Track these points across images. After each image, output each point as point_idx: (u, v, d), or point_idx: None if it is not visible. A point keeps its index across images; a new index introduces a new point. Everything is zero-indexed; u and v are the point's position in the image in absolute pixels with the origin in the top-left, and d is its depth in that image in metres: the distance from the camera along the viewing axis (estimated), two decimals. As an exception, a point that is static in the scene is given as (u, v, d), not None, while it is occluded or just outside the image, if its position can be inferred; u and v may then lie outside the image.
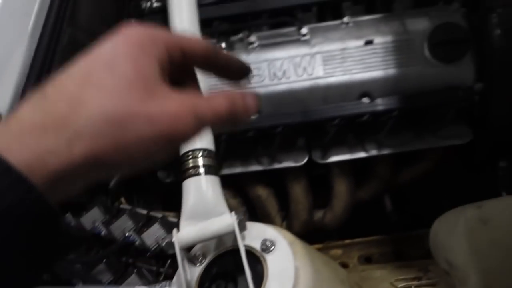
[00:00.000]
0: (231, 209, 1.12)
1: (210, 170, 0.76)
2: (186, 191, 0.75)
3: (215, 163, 0.78)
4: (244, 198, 1.14)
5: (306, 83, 1.01)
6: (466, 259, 0.74)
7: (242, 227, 0.72)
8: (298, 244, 0.73)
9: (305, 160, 1.06)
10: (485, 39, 0.95)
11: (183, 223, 0.73)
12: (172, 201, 0.93)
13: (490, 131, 1.03)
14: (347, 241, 1.11)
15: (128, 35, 0.35)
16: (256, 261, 0.71)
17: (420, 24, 1.00)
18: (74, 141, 0.32)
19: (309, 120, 0.98)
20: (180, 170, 0.77)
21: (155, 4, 1.08)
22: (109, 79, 0.33)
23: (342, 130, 1.03)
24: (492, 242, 0.74)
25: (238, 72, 0.44)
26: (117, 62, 0.34)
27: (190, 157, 0.77)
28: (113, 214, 0.81)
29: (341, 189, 1.11)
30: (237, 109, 0.38)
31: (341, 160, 1.07)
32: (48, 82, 0.34)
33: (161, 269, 0.77)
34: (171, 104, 0.34)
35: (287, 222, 1.15)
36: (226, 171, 1.07)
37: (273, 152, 1.06)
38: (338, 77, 1.00)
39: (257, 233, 0.74)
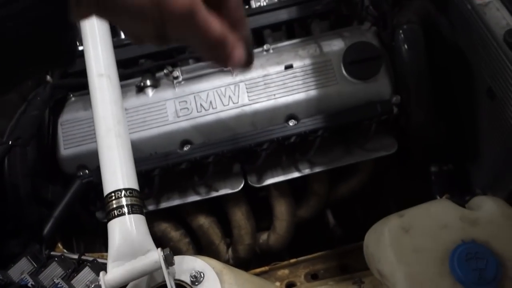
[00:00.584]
0: (174, 241, 1.13)
1: (134, 209, 0.77)
2: (111, 232, 0.76)
3: (140, 202, 0.78)
4: (187, 229, 1.15)
5: (233, 112, 1.04)
6: (393, 268, 0.77)
7: (170, 262, 0.72)
8: (227, 272, 0.75)
9: (242, 185, 1.08)
10: (395, 54, 1.00)
11: (110, 264, 0.73)
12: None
13: (414, 139, 1.08)
14: (293, 260, 1.12)
15: None
16: (187, 294, 0.71)
17: (335, 45, 1.05)
18: None
19: (239, 147, 1.01)
20: (104, 211, 0.78)
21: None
22: None
23: (274, 153, 1.06)
24: (415, 248, 0.77)
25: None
26: None
27: (113, 197, 0.77)
28: (42, 263, 0.80)
29: (281, 210, 1.13)
30: (225, 48, 0.40)
31: (277, 182, 1.09)
32: None
33: (96, 315, 0.76)
34: None
35: (232, 248, 1.16)
36: (164, 204, 1.08)
37: (209, 181, 1.07)
38: (263, 103, 1.03)
39: (186, 266, 0.75)
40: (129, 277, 0.73)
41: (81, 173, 1.04)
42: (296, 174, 1.08)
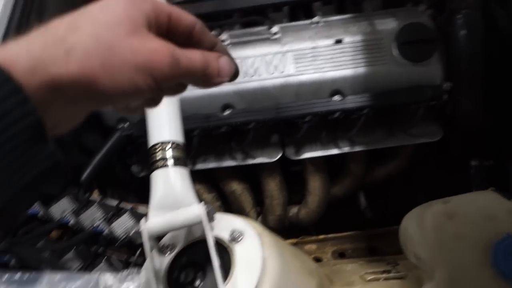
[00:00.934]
0: (206, 203, 1.13)
1: (178, 162, 0.77)
2: (154, 182, 0.76)
3: (184, 155, 0.78)
4: (219, 193, 1.15)
5: (278, 81, 1.03)
6: (433, 253, 0.75)
7: (211, 218, 0.73)
8: (267, 235, 0.74)
9: (279, 156, 1.08)
10: (451, 40, 0.98)
11: (151, 213, 0.74)
12: (145, 195, 0.93)
13: (460, 130, 1.06)
14: (321, 236, 1.12)
15: None
16: (224, 251, 0.72)
17: (388, 24, 1.03)
18: (71, 53, 0.36)
19: (281, 117, 1.00)
20: (148, 162, 0.78)
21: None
22: (102, 15, 0.38)
23: (315, 127, 1.05)
24: (457, 236, 0.75)
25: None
26: (111, 4, 0.39)
27: (159, 149, 0.78)
28: (82, 205, 0.81)
29: (315, 185, 1.12)
30: (211, 67, 0.43)
31: (314, 157, 1.08)
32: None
33: (131, 259, 0.77)
34: (152, 43, 0.39)
35: (262, 217, 1.16)
36: (200, 166, 1.08)
37: (246, 148, 1.07)
38: (309, 75, 1.02)
39: (225, 224, 0.75)
40: (169, 227, 0.73)
41: (121, 126, 1.05)
42: (334, 151, 1.07)
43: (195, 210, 0.73)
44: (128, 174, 1.11)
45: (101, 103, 0.40)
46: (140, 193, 1.09)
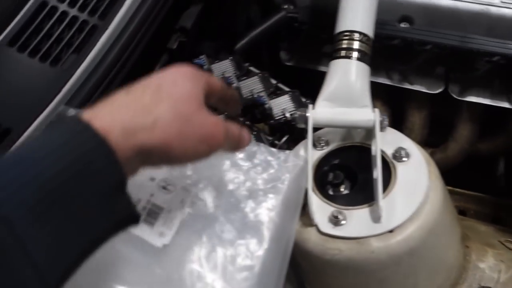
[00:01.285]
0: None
1: (364, 57, 0.70)
2: (332, 71, 0.70)
3: (370, 52, 0.71)
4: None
5: (475, 7, 0.89)
6: None
7: (382, 127, 0.66)
8: (434, 165, 0.68)
9: (440, 90, 0.97)
10: None
11: (320, 102, 0.69)
12: (287, 85, 0.88)
13: None
14: (448, 187, 1.04)
15: (184, 68, 0.48)
16: (384, 166, 0.66)
17: None
18: (157, 123, 0.41)
19: (466, 48, 0.88)
20: (332, 48, 0.71)
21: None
22: (175, 91, 0.44)
23: (492, 71, 0.93)
24: None
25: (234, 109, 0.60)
26: (179, 81, 0.45)
27: (347, 37, 0.70)
28: (243, 72, 0.78)
29: (463, 134, 1.02)
30: (240, 138, 0.52)
31: (476, 103, 0.97)
32: (127, 88, 0.44)
33: (277, 142, 0.74)
34: (212, 117, 0.47)
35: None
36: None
37: (409, 70, 0.97)
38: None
39: (392, 139, 0.69)
40: (335, 121, 0.68)
41: (287, 6, 0.98)
42: (505, 104, 0.95)
43: (369, 113, 0.67)
44: (273, 59, 1.06)
45: (167, 164, 0.46)
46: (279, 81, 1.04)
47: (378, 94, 1.05)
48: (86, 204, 0.36)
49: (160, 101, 0.43)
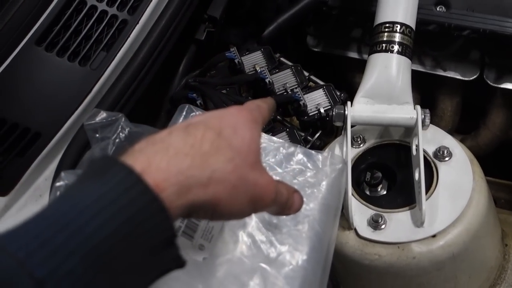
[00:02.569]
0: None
1: (406, 51, 0.66)
2: (371, 66, 0.67)
3: (412, 46, 0.67)
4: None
5: (517, -10, 0.85)
6: None
7: (425, 125, 0.64)
8: (477, 164, 0.65)
9: (475, 76, 0.93)
10: None
11: (358, 98, 0.66)
12: (315, 72, 0.85)
13: None
14: (478, 176, 1.02)
15: (244, 112, 0.44)
16: (426, 166, 0.63)
17: None
18: (212, 178, 0.38)
19: (507, 33, 0.83)
20: (371, 41, 0.68)
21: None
22: (235, 140, 0.41)
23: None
24: None
25: None
26: (240, 128, 0.42)
27: (388, 30, 0.67)
28: (274, 65, 0.75)
29: (496, 121, 0.99)
30: (289, 201, 0.46)
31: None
32: (186, 123, 0.41)
33: (309, 138, 0.71)
34: (265, 176, 0.43)
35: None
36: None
37: (443, 57, 0.93)
38: (560, -7, 0.82)
39: (433, 137, 0.66)
40: (374, 119, 0.65)
41: (317, -10, 0.93)
42: (542, 91, 0.91)
43: (410, 111, 0.64)
44: (300, 44, 1.02)
45: (207, 218, 0.43)
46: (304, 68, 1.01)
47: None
48: (134, 263, 0.34)
49: (219, 150, 0.39)
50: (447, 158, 0.64)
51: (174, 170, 0.36)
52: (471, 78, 0.94)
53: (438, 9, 0.89)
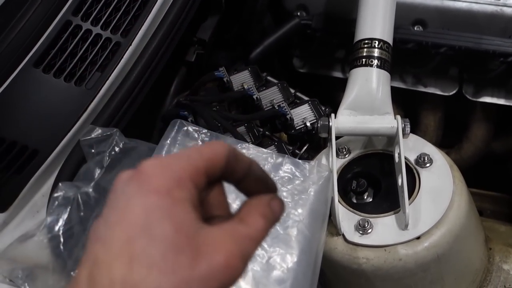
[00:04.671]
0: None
1: (384, 65, 0.70)
2: (352, 79, 0.70)
3: (391, 59, 0.71)
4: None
5: (489, 8, 0.90)
6: None
7: (405, 134, 0.67)
8: (457, 169, 0.68)
9: (454, 91, 0.98)
10: None
11: (342, 110, 0.69)
12: (301, 92, 0.89)
13: None
14: (464, 188, 1.05)
15: (151, 183, 0.31)
16: (408, 172, 0.66)
17: None
18: None
19: (482, 49, 0.88)
20: (350, 57, 0.72)
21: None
22: (153, 249, 0.30)
23: (506, 72, 0.93)
24: None
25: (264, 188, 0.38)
26: (153, 224, 0.30)
27: (367, 45, 0.71)
28: (262, 83, 0.78)
29: (477, 134, 1.03)
30: (273, 220, 0.36)
31: (491, 103, 0.97)
32: (89, 272, 0.30)
33: (297, 151, 0.74)
34: (219, 255, 0.31)
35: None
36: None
37: (423, 73, 0.98)
38: (529, 11, 0.88)
39: (413, 145, 0.69)
40: (357, 130, 0.69)
41: (300, 14, 0.98)
42: (520, 104, 0.95)
43: (391, 121, 0.68)
44: (286, 66, 1.07)
45: None
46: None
47: (393, 97, 1.05)
48: None
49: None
50: (428, 165, 0.67)
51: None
52: (450, 94, 0.98)
53: (415, 28, 0.94)
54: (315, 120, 0.74)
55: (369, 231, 0.62)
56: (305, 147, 0.75)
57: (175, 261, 0.30)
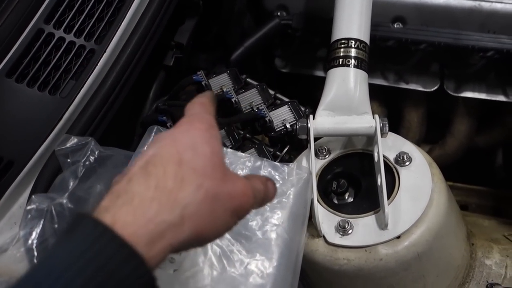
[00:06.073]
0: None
1: (361, 64, 0.70)
2: (330, 80, 0.70)
3: (368, 59, 0.71)
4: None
5: (467, 4, 0.90)
6: None
7: (383, 133, 0.67)
8: (436, 167, 0.68)
9: (436, 87, 0.98)
10: None
11: (320, 111, 0.69)
12: (281, 91, 0.88)
13: None
14: (448, 183, 1.05)
15: (196, 125, 0.43)
16: (387, 171, 0.66)
17: None
18: (184, 217, 0.37)
19: (461, 45, 0.88)
20: (327, 58, 0.72)
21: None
22: (197, 162, 0.39)
23: (486, 66, 0.93)
24: None
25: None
26: (198, 145, 0.40)
27: (343, 45, 0.71)
28: (241, 86, 0.78)
29: (460, 128, 1.03)
30: (266, 194, 0.46)
31: (471, 98, 0.98)
32: (144, 162, 0.39)
33: (278, 153, 0.74)
34: (239, 183, 0.42)
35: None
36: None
37: (405, 70, 0.98)
38: (506, 5, 0.88)
39: (393, 144, 0.69)
40: (336, 130, 0.68)
41: (280, 14, 0.98)
42: (500, 98, 0.96)
43: (369, 120, 0.68)
44: (268, 66, 1.07)
45: (198, 246, 0.42)
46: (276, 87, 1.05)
47: (375, 95, 1.06)
48: None
49: (184, 181, 0.37)
50: (407, 163, 0.67)
51: (141, 221, 0.35)
52: (432, 89, 0.98)
53: (395, 25, 0.94)
54: (295, 121, 0.74)
55: (350, 232, 0.62)
56: (286, 149, 0.75)
57: (211, 172, 0.39)
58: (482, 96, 0.96)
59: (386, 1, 0.94)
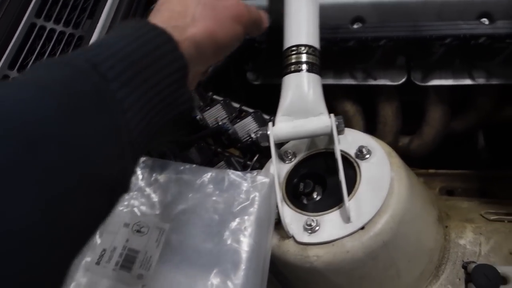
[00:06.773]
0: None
1: (313, 68, 0.73)
2: (285, 87, 0.74)
3: (319, 62, 0.74)
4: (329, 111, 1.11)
5: (420, -4, 0.93)
6: None
7: (340, 131, 0.70)
8: (395, 156, 0.71)
9: (403, 80, 1.00)
10: None
11: (279, 117, 0.72)
12: (258, 103, 0.91)
13: None
14: (431, 170, 1.07)
15: None
16: (349, 167, 0.69)
17: None
18: (195, 18, 0.50)
19: (418, 36, 0.91)
20: (282, 65, 0.75)
21: None
22: None
23: (449, 53, 0.96)
24: None
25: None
26: None
27: (294, 52, 0.74)
28: (207, 102, 0.81)
29: (435, 116, 1.05)
30: (261, 15, 0.64)
31: (440, 85, 1.00)
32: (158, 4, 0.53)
33: (248, 162, 0.77)
34: (231, 1, 0.55)
35: (371, 143, 1.12)
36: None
37: (370, 67, 1.00)
38: (458, -9, 0.90)
39: (353, 140, 0.72)
40: (295, 134, 0.71)
41: (243, 29, 1.02)
42: (467, 81, 0.97)
43: (325, 120, 0.71)
44: (242, 81, 1.10)
45: (217, 51, 0.54)
46: (252, 101, 1.08)
47: (347, 95, 1.09)
48: (161, 82, 0.43)
49: (188, 5, 0.50)
50: (367, 156, 0.69)
51: (166, 19, 0.48)
52: (399, 82, 1.00)
53: (355, 26, 0.97)
54: (258, 130, 0.77)
55: (317, 229, 0.65)
56: (255, 158, 0.78)
57: None
58: (449, 82, 0.98)
59: (344, 3, 0.97)
